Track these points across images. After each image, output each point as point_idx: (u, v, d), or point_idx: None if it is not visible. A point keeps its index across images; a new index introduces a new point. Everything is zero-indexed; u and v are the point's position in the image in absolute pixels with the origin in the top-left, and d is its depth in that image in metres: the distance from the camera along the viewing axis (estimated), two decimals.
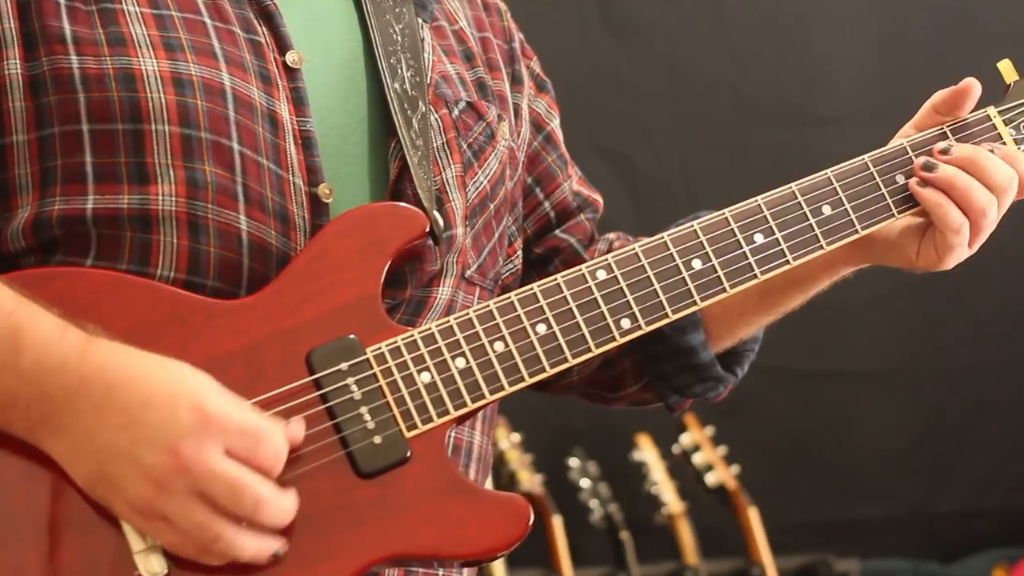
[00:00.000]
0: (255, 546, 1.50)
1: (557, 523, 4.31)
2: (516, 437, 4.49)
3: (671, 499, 4.49)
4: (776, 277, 1.84)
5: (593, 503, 4.48)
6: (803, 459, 4.94)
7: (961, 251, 1.79)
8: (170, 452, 1.46)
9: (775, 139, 4.73)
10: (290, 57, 1.68)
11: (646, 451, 4.57)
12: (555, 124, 1.98)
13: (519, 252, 1.90)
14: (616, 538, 4.42)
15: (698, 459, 4.50)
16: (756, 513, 4.39)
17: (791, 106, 4.85)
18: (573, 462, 4.58)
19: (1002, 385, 4.99)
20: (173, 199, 1.60)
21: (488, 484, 4.61)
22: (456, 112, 1.78)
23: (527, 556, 4.35)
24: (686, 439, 4.52)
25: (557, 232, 1.95)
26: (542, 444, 4.62)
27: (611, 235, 1.99)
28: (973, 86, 1.82)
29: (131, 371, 1.49)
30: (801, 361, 4.78)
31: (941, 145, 1.79)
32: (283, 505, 1.51)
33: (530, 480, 4.40)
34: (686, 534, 4.45)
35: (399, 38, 1.76)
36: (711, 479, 4.47)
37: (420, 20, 1.81)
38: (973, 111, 1.84)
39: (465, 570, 1.77)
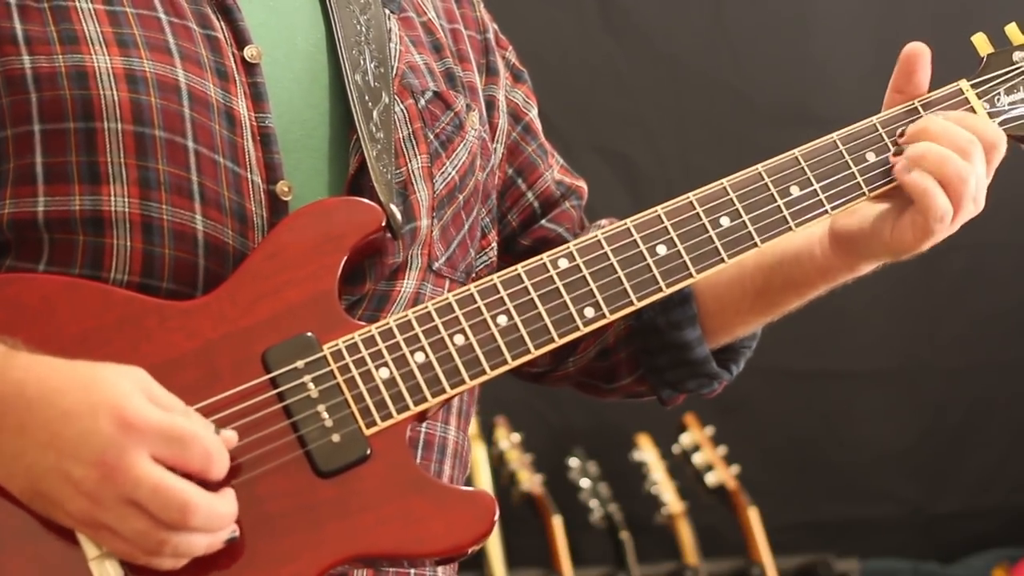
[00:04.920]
0: (203, 543, 1.47)
1: (557, 523, 4.31)
2: (516, 437, 4.49)
3: (671, 499, 4.48)
4: (774, 279, 1.83)
5: (593, 503, 4.48)
6: (803, 459, 4.93)
7: (940, 235, 1.74)
8: (95, 464, 1.43)
9: (775, 139, 4.68)
10: (248, 52, 1.65)
11: (646, 451, 4.57)
12: (533, 114, 1.95)
13: (493, 245, 1.87)
14: (616, 538, 4.41)
15: (698, 459, 4.50)
16: (756, 513, 4.38)
17: (791, 106, 4.85)
18: (573, 462, 4.58)
19: (1002, 385, 4.99)
20: (126, 199, 1.58)
21: (487, 484, 4.58)
22: (422, 102, 1.75)
23: (527, 556, 4.35)
24: (686, 439, 4.52)
25: (543, 222, 1.92)
26: (542, 444, 4.62)
27: (602, 221, 1.95)
28: (917, 50, 1.78)
29: (49, 385, 1.46)
30: (801, 361, 4.78)
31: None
32: (216, 508, 1.47)
33: (530, 480, 4.40)
34: (686, 534, 4.45)
35: (363, 29, 1.74)
36: (711, 479, 4.47)
37: (387, 11, 1.79)
38: (945, 85, 1.80)
39: (440, 569, 1.74)
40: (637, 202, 4.77)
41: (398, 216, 1.67)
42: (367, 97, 1.70)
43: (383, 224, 1.63)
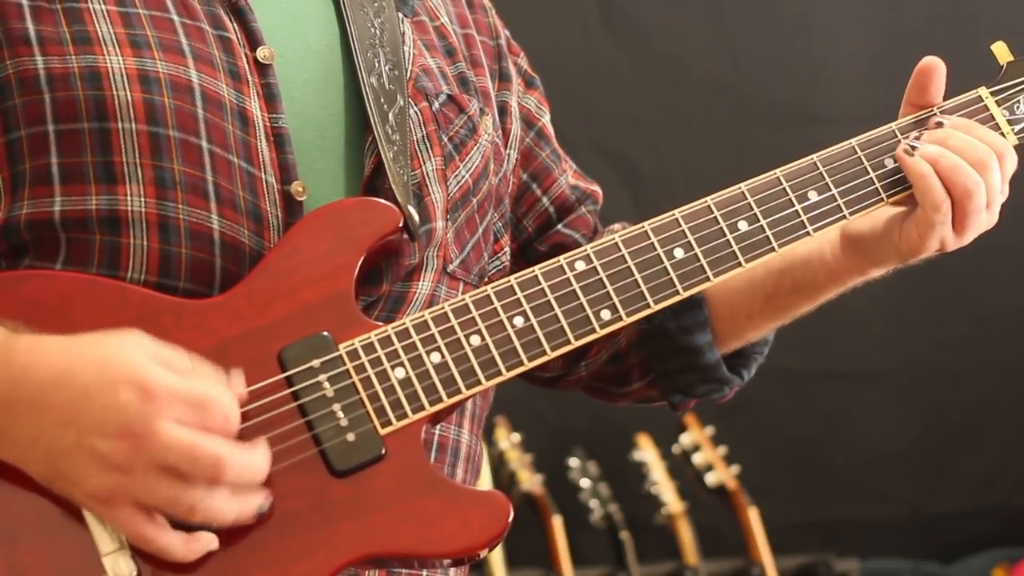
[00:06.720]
0: (234, 507, 1.48)
1: (557, 523, 4.31)
2: (516, 437, 4.49)
3: (671, 499, 4.49)
4: (783, 282, 1.84)
5: (593, 503, 4.48)
6: (803, 459, 4.94)
7: (943, 230, 1.73)
8: (122, 435, 1.44)
9: (775, 139, 4.72)
10: (261, 53, 1.66)
11: (646, 451, 4.57)
12: (546, 119, 1.96)
13: (506, 249, 1.87)
14: (616, 538, 4.42)
15: (698, 459, 4.50)
16: (756, 513, 4.38)
17: (791, 106, 4.85)
18: (573, 462, 4.58)
19: (1002, 385, 4.99)
20: (142, 199, 1.59)
21: (487, 484, 4.59)
22: (436, 105, 1.76)
23: (527, 556, 4.35)
24: (686, 439, 4.52)
25: (560, 228, 1.93)
26: (542, 444, 4.62)
27: (615, 226, 1.96)
28: (931, 64, 1.79)
29: (61, 366, 1.46)
30: (801, 361, 4.78)
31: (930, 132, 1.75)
32: (248, 458, 1.48)
33: (530, 480, 4.40)
34: (686, 534, 4.45)
35: (377, 32, 1.74)
36: (711, 479, 4.47)
37: (400, 15, 1.79)
38: (965, 92, 1.80)
39: (452, 570, 1.74)
40: (637, 202, 4.79)
41: (415, 217, 1.67)
42: (382, 99, 1.70)
43: (400, 225, 1.63)
